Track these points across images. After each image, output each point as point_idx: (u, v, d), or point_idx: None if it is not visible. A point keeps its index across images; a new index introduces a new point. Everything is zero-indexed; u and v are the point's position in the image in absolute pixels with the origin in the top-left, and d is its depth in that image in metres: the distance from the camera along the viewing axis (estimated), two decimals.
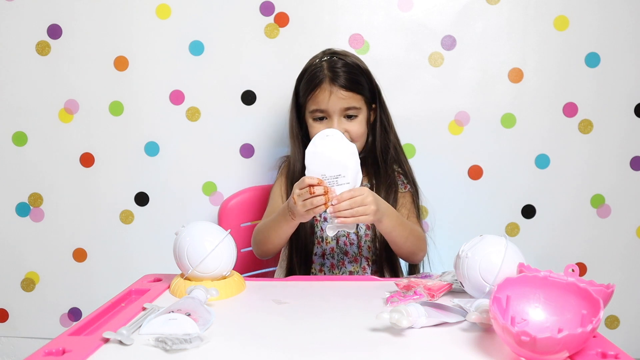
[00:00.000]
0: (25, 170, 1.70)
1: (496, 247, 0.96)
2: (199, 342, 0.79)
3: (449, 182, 1.68)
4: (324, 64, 1.34)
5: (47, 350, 0.78)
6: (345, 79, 1.31)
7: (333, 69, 1.32)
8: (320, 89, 1.32)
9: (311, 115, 1.35)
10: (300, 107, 1.39)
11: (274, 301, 1.02)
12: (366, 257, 1.37)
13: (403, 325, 0.83)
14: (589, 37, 1.64)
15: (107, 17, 1.65)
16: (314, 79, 1.33)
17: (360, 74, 1.35)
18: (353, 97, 1.32)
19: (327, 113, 1.32)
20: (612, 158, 1.67)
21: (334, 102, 1.31)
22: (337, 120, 1.32)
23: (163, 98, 1.68)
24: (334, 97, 1.31)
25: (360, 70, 1.35)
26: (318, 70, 1.33)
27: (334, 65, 1.33)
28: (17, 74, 1.67)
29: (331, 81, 1.31)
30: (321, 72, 1.33)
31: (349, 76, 1.32)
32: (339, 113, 1.32)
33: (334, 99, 1.31)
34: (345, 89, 1.31)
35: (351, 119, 1.33)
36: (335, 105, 1.31)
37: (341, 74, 1.32)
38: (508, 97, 1.66)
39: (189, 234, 1.06)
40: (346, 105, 1.32)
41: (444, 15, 1.65)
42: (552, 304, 0.81)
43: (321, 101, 1.32)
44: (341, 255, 1.37)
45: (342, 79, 1.31)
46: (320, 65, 1.34)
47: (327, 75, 1.32)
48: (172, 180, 1.70)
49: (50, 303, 1.73)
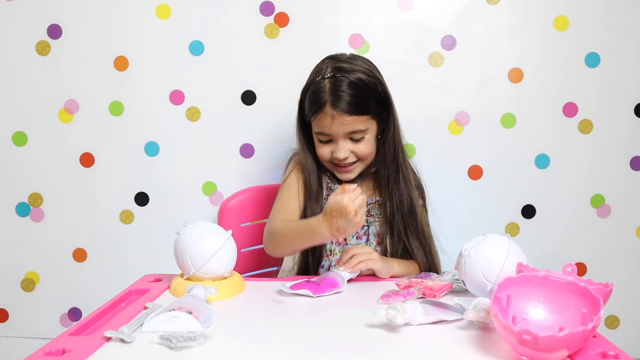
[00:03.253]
0: (25, 170, 1.69)
1: (499, 246, 0.96)
2: (203, 340, 0.80)
3: (449, 182, 1.67)
4: (326, 85, 1.26)
5: (47, 350, 0.78)
6: (347, 102, 1.24)
7: (336, 92, 1.24)
8: (323, 114, 1.25)
9: (317, 136, 1.31)
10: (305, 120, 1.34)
11: (274, 301, 1.02)
12: None
13: (398, 322, 0.83)
14: (589, 37, 1.64)
15: (107, 17, 1.65)
16: (316, 101, 1.26)
17: (366, 91, 1.26)
18: (357, 120, 1.25)
19: (332, 137, 1.29)
20: (612, 158, 1.67)
21: (337, 127, 1.26)
22: (342, 143, 1.28)
23: (163, 98, 1.67)
24: (337, 123, 1.25)
25: (366, 87, 1.26)
26: (321, 91, 1.26)
27: (337, 88, 1.24)
28: (17, 74, 1.67)
29: (333, 106, 1.24)
30: (324, 94, 1.25)
31: (353, 99, 1.24)
32: (344, 136, 1.28)
33: (336, 125, 1.25)
34: (349, 113, 1.24)
35: (357, 141, 1.29)
36: (338, 130, 1.26)
37: (344, 98, 1.24)
38: (508, 97, 1.66)
39: (191, 235, 1.06)
40: (350, 130, 1.26)
41: (444, 15, 1.65)
42: (552, 303, 0.81)
43: (324, 126, 1.27)
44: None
45: (344, 104, 1.23)
46: (322, 86, 1.26)
47: (329, 100, 1.24)
48: (172, 180, 1.70)
49: (50, 303, 1.72)
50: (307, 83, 1.32)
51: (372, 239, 1.35)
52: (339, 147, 1.28)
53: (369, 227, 1.35)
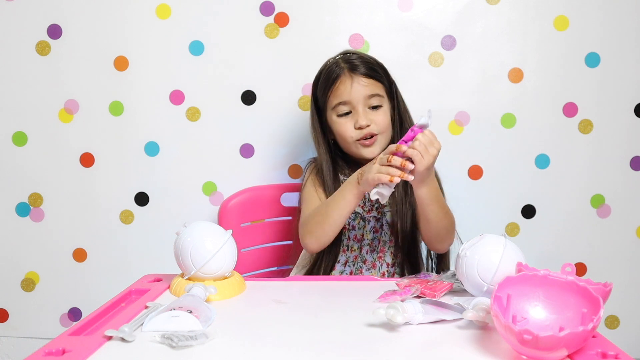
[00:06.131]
0: (25, 170, 1.70)
1: (495, 247, 0.96)
2: (204, 339, 0.80)
3: (449, 182, 1.66)
4: (339, 60, 1.34)
5: (47, 350, 0.77)
6: (364, 67, 1.31)
7: (350, 60, 1.32)
8: (341, 81, 1.31)
9: (335, 112, 1.33)
10: (320, 111, 1.37)
11: (274, 301, 1.02)
12: (387, 262, 1.36)
13: (398, 321, 0.83)
14: (589, 37, 1.64)
15: (107, 17, 1.65)
16: (332, 74, 1.32)
17: (377, 66, 1.35)
18: (375, 84, 1.32)
19: (351, 104, 1.30)
20: (612, 158, 1.67)
21: (357, 90, 1.29)
22: (362, 112, 1.30)
23: (163, 98, 1.68)
24: (356, 85, 1.30)
25: (377, 63, 1.35)
26: (334, 65, 1.33)
27: (350, 58, 1.33)
28: (17, 74, 1.67)
29: (350, 71, 1.31)
30: (338, 66, 1.32)
31: (368, 65, 1.32)
32: (363, 103, 1.30)
33: (356, 87, 1.29)
34: (366, 76, 1.30)
35: (376, 109, 1.31)
36: (358, 94, 1.29)
37: (359, 64, 1.32)
38: (508, 97, 1.66)
39: (191, 235, 1.06)
40: (369, 93, 1.30)
41: (444, 15, 1.65)
42: (552, 302, 0.81)
43: (343, 92, 1.30)
44: (360, 264, 1.36)
45: (361, 68, 1.31)
46: (335, 62, 1.34)
47: (345, 67, 1.31)
48: (172, 180, 1.70)
49: (50, 303, 1.73)
50: (318, 73, 1.37)
51: (386, 228, 1.36)
52: (360, 114, 1.30)
53: (383, 217, 1.36)
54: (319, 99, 1.36)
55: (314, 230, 1.26)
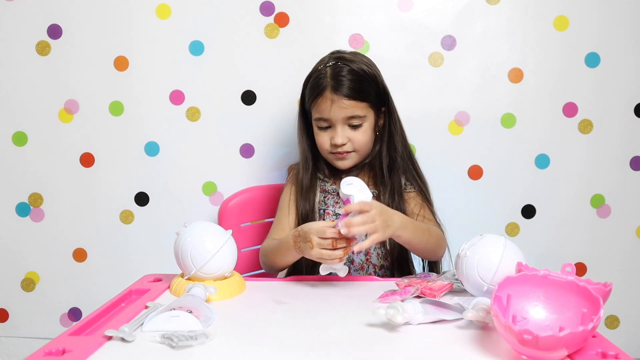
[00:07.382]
0: (25, 170, 1.70)
1: (494, 247, 0.96)
2: (204, 339, 0.80)
3: (449, 182, 1.68)
4: (327, 71, 1.30)
5: (47, 350, 0.78)
6: (347, 87, 1.27)
7: (336, 76, 1.28)
8: (323, 98, 1.29)
9: (316, 123, 1.34)
10: (306, 112, 1.37)
11: (274, 301, 1.02)
12: (374, 264, 1.36)
13: (398, 321, 0.83)
14: (589, 37, 1.64)
15: (107, 17, 1.65)
16: (317, 87, 1.30)
17: (366, 80, 1.30)
18: (356, 105, 1.29)
19: (330, 122, 1.31)
20: (612, 158, 1.67)
21: (336, 111, 1.28)
22: (341, 129, 1.30)
23: (163, 98, 1.68)
24: (336, 107, 1.28)
25: (366, 76, 1.30)
26: (321, 77, 1.30)
27: (337, 73, 1.29)
28: (17, 74, 1.67)
29: (333, 90, 1.28)
30: (324, 79, 1.29)
31: (353, 84, 1.28)
32: (342, 122, 1.30)
33: (335, 109, 1.28)
34: (348, 97, 1.27)
35: (356, 128, 1.31)
36: (337, 115, 1.29)
37: (344, 82, 1.28)
38: (508, 97, 1.66)
39: (191, 235, 1.06)
40: (349, 115, 1.29)
41: (444, 15, 1.65)
42: (552, 302, 0.81)
43: (323, 110, 1.30)
44: (347, 263, 1.36)
45: (344, 88, 1.27)
46: (324, 72, 1.30)
47: (330, 84, 1.28)
48: (172, 180, 1.70)
49: (50, 303, 1.73)
50: (310, 73, 1.36)
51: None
52: (337, 133, 1.30)
53: None
54: (306, 102, 1.36)
55: (266, 263, 1.33)
